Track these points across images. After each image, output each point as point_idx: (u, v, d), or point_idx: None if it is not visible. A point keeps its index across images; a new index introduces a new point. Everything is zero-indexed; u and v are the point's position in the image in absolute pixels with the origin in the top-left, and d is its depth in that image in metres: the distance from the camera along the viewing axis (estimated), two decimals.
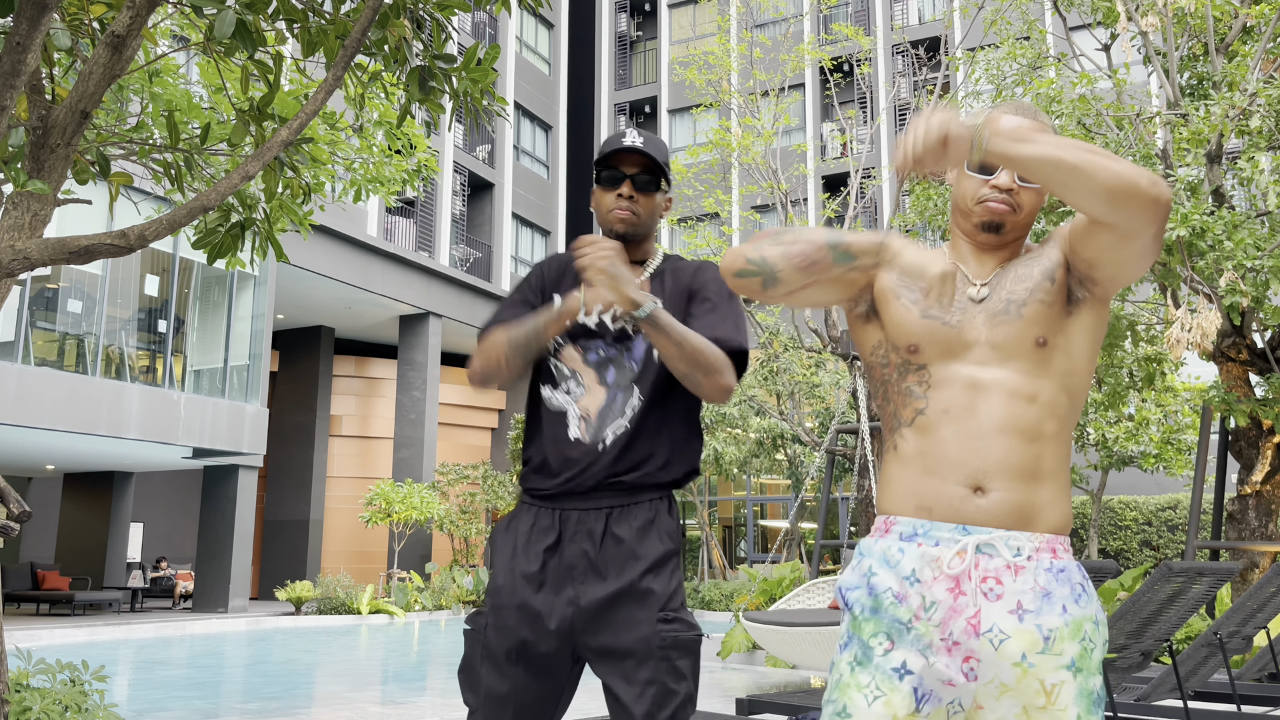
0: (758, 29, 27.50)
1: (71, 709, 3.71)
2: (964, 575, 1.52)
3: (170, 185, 4.15)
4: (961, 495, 1.54)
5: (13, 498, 3.48)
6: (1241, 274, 8.00)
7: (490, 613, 2.02)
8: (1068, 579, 1.54)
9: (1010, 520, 1.53)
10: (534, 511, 2.06)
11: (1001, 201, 1.61)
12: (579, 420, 2.04)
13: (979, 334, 1.59)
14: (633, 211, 2.11)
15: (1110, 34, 11.04)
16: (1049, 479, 1.55)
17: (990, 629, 1.50)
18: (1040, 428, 1.55)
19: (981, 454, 1.54)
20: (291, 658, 11.70)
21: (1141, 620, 4.14)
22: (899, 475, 1.61)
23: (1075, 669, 1.50)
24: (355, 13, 3.02)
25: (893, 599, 1.54)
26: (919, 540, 1.55)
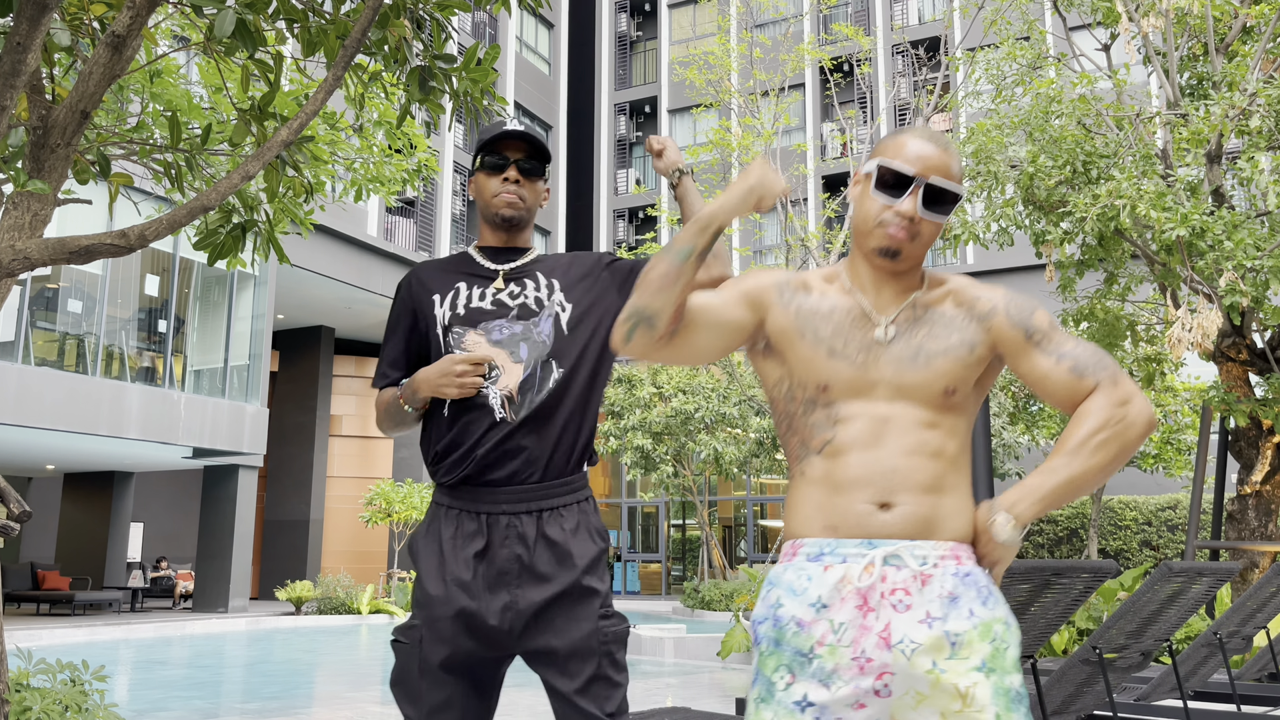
0: (758, 29, 27.50)
1: (71, 709, 3.71)
2: (871, 590, 1.53)
3: (170, 185, 4.15)
4: (868, 511, 1.55)
5: (13, 498, 3.48)
6: (1241, 274, 8.00)
7: (424, 624, 2.00)
8: (974, 583, 1.55)
9: (915, 530, 1.55)
10: (455, 516, 2.03)
11: (902, 229, 1.60)
12: (503, 401, 2.02)
13: (885, 374, 1.60)
14: (519, 196, 2.12)
15: (1110, 34, 11.04)
16: (951, 492, 1.58)
17: (901, 640, 1.50)
18: (942, 449, 1.59)
19: (888, 474, 1.56)
20: (291, 658, 11.70)
21: (1141, 620, 4.14)
22: (806, 498, 1.61)
23: (988, 670, 1.50)
24: (355, 13, 3.02)
25: (795, 629, 1.54)
26: (826, 561, 1.56)
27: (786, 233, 19.07)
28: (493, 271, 2.13)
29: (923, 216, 1.59)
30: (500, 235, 2.17)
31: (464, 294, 2.10)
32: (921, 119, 16.76)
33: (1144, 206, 8.03)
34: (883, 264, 1.63)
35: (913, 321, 1.63)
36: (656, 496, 24.05)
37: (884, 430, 1.58)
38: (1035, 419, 15.68)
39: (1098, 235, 9.19)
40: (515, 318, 2.07)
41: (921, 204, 1.59)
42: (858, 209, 1.66)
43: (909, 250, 1.61)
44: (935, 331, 1.62)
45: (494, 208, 2.13)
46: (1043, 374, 1.62)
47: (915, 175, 1.59)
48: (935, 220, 1.61)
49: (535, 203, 2.17)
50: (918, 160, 1.60)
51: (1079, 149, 8.94)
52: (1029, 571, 3.27)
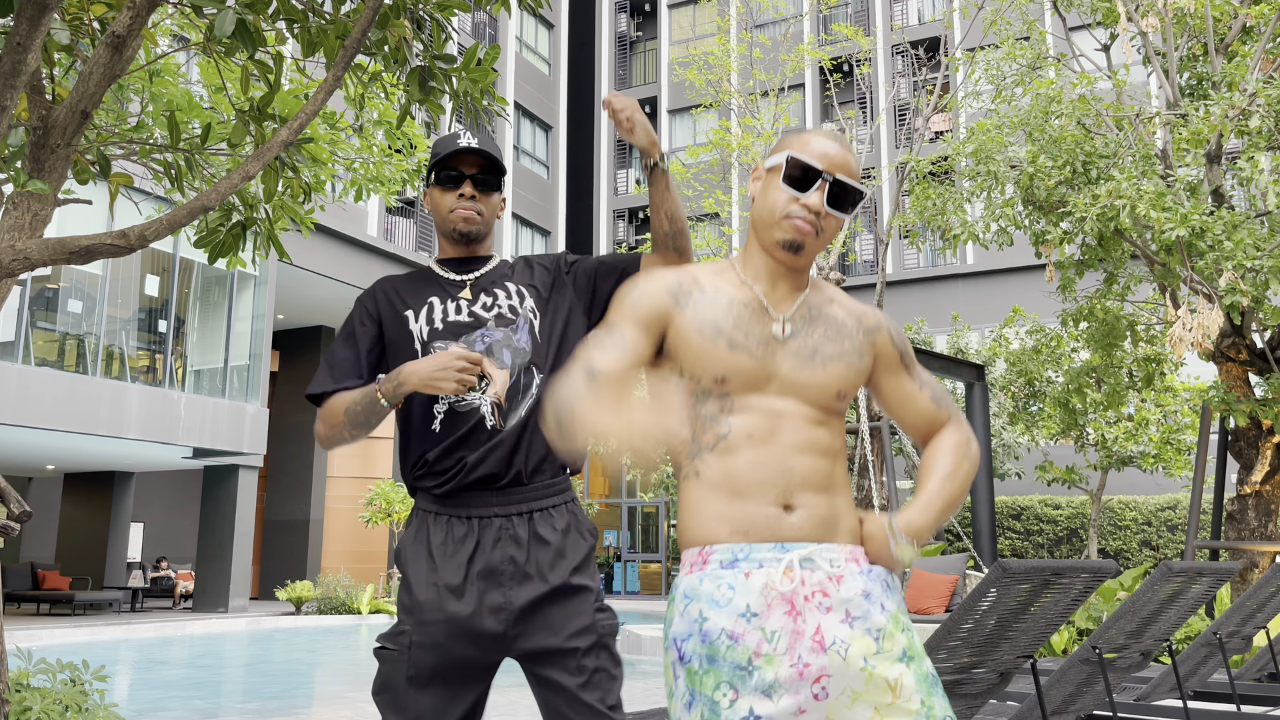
0: (757, 29, 27.50)
1: (71, 709, 3.72)
2: (795, 595, 1.53)
3: (170, 185, 4.15)
4: (775, 514, 1.56)
5: (13, 498, 3.48)
6: (1241, 274, 8.00)
7: (415, 630, 1.98)
8: (877, 578, 1.60)
9: (819, 533, 1.58)
10: (444, 521, 2.03)
11: (808, 223, 1.62)
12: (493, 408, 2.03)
13: (781, 369, 1.63)
14: (476, 211, 2.13)
15: (1110, 34, 11.04)
16: (841, 491, 1.63)
17: (834, 641, 1.53)
18: (831, 446, 1.63)
19: (787, 473, 1.58)
20: (291, 658, 11.70)
21: (1141, 620, 4.14)
22: (707, 502, 1.59)
23: (908, 659, 1.55)
24: (355, 13, 3.02)
25: (728, 642, 1.51)
26: (743, 567, 1.54)
27: None
28: (459, 283, 2.14)
29: (828, 212, 1.63)
30: (459, 248, 2.18)
31: (439, 308, 2.10)
32: (921, 119, 16.76)
33: (1144, 206, 8.03)
34: (784, 258, 1.65)
35: (807, 320, 1.67)
36: (656, 496, 24.04)
37: (777, 426, 1.59)
38: (1035, 419, 15.69)
39: (1097, 235, 9.19)
40: (494, 326, 2.08)
41: (827, 200, 1.63)
42: (761, 201, 1.67)
43: (811, 245, 1.64)
44: (829, 334, 1.67)
45: (451, 223, 2.13)
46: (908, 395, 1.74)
47: (823, 171, 1.62)
48: (838, 217, 1.65)
49: (492, 215, 2.18)
50: (824, 158, 1.63)
51: (1079, 149, 8.94)
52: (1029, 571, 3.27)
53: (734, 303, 1.65)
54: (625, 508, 27.79)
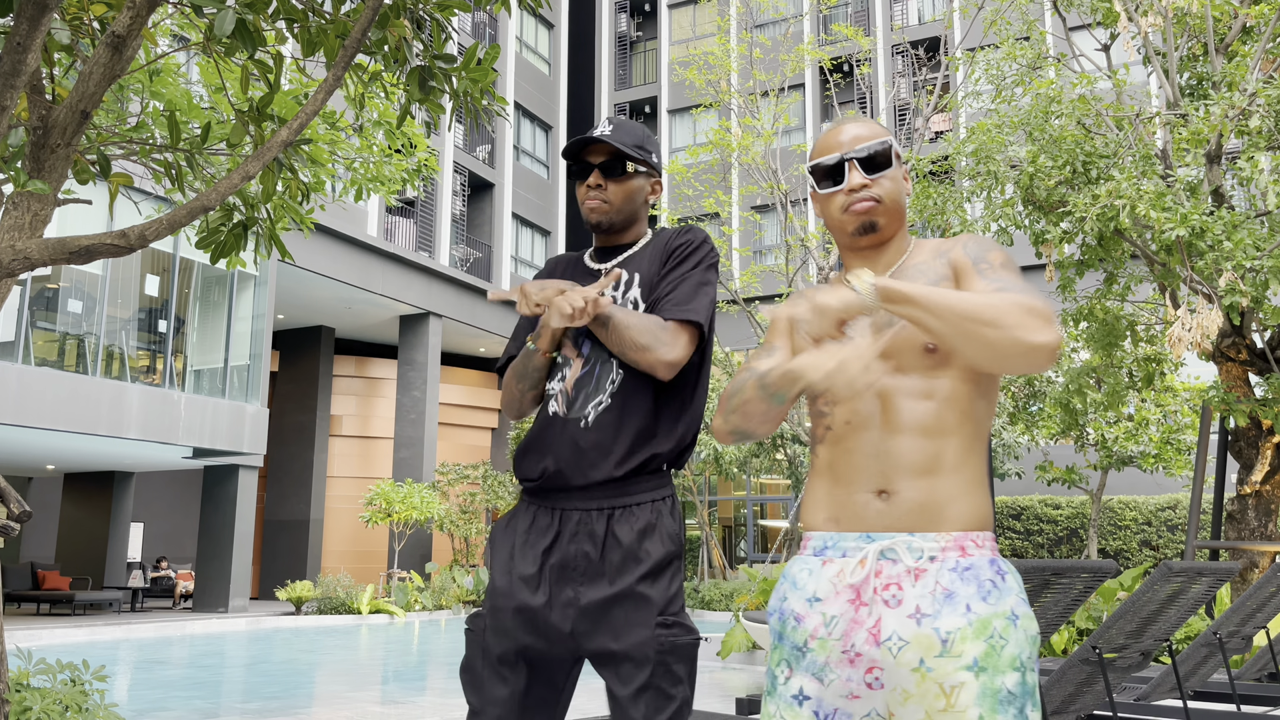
0: (757, 29, 27.50)
1: (71, 709, 3.72)
2: (864, 585, 1.52)
3: (170, 185, 4.15)
4: (865, 501, 1.56)
5: (13, 498, 3.48)
6: (1241, 274, 8.00)
7: (488, 614, 2.01)
8: (974, 576, 1.51)
9: (913, 521, 1.53)
10: (532, 510, 2.05)
11: (863, 199, 1.65)
12: (559, 395, 2.03)
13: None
14: (602, 200, 2.11)
15: (1110, 34, 11.04)
16: (953, 473, 1.54)
17: (890, 637, 1.49)
18: (940, 422, 1.55)
19: (883, 456, 1.55)
20: (291, 658, 11.70)
21: (1141, 620, 4.14)
22: (814, 489, 1.64)
23: (978, 669, 1.46)
24: (355, 13, 3.02)
25: (794, 623, 1.58)
26: (827, 555, 1.58)
27: (786, 233, 19.07)
28: (597, 271, 2.15)
29: (871, 180, 1.66)
30: (600, 237, 2.18)
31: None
32: (921, 119, 16.76)
33: (1144, 206, 8.03)
34: (868, 241, 1.68)
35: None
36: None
37: (876, 408, 1.58)
38: (1035, 419, 15.68)
39: (1097, 235, 9.19)
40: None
41: (863, 170, 1.66)
42: (824, 216, 1.72)
43: (882, 214, 1.66)
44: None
45: (584, 214, 2.14)
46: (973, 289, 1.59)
47: (842, 156, 1.67)
48: (884, 178, 1.66)
49: (628, 201, 2.12)
50: (834, 145, 1.69)
51: (1079, 149, 8.94)
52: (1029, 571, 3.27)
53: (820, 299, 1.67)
54: None
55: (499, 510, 22.70)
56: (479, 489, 22.28)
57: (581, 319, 1.92)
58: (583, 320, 1.93)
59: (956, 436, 1.56)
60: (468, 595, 19.45)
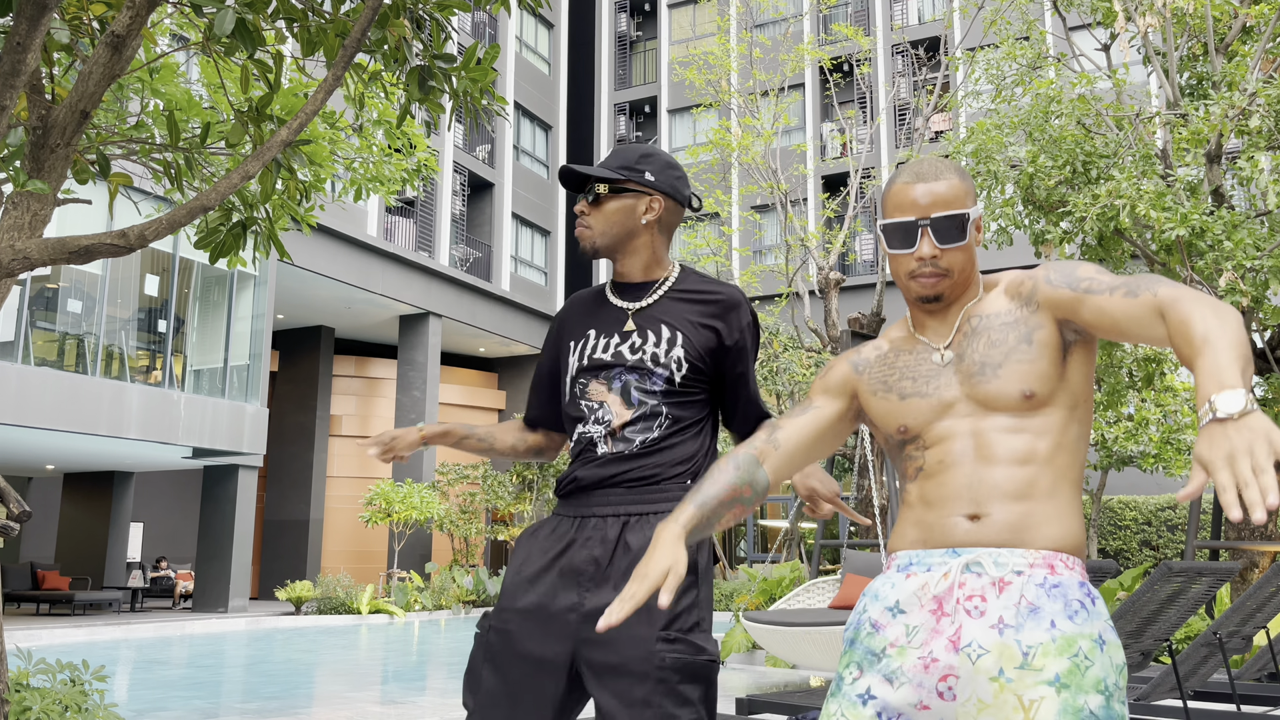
0: (757, 29, 27.50)
1: (71, 709, 3.71)
2: (947, 596, 1.52)
3: (170, 185, 4.15)
4: (957, 522, 1.56)
5: (13, 498, 3.48)
6: (1241, 274, 8.00)
7: (495, 614, 2.00)
8: (1062, 594, 1.49)
9: (1002, 538, 1.52)
10: (556, 519, 2.06)
11: (929, 274, 1.61)
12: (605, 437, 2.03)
13: (957, 392, 1.61)
14: (585, 226, 2.09)
15: (1110, 34, 11.04)
16: (1046, 498, 1.54)
17: (969, 644, 1.48)
18: (1032, 452, 1.54)
19: (976, 486, 1.55)
20: (291, 658, 11.70)
21: (1141, 620, 4.14)
22: (904, 519, 1.65)
23: (1060, 685, 1.42)
24: (355, 12, 3.02)
25: (870, 630, 1.58)
26: (913, 569, 1.58)
27: (786, 233, 19.07)
28: (623, 312, 2.11)
29: (941, 250, 1.59)
30: (615, 268, 2.16)
31: (590, 343, 2.10)
32: (921, 119, 16.76)
33: (1144, 206, 8.03)
34: (932, 308, 1.66)
35: (969, 336, 1.63)
36: None
37: (970, 446, 1.58)
38: None
39: (1098, 235, 9.19)
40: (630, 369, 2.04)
41: (936, 240, 1.59)
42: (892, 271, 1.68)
43: (947, 287, 1.63)
44: (993, 339, 1.60)
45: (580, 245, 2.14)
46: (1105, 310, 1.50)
47: (916, 220, 1.59)
48: (957, 250, 1.60)
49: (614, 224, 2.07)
50: (913, 205, 1.60)
51: (1079, 149, 8.94)
52: None
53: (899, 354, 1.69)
54: None
55: (499, 510, 22.70)
56: (479, 489, 22.28)
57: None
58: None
59: (1050, 466, 1.55)
60: (467, 595, 19.45)
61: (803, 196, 27.02)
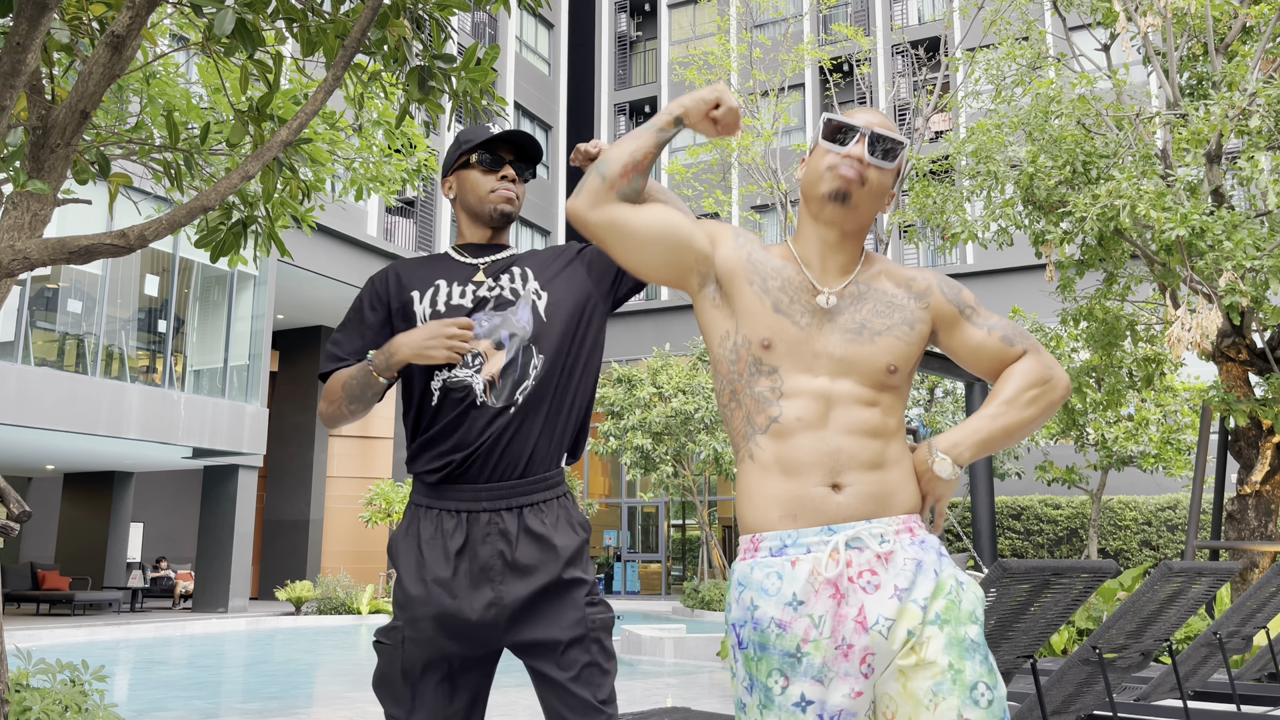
0: (757, 29, 27.50)
1: (71, 709, 3.71)
2: (840, 578, 1.55)
3: (170, 185, 4.15)
4: (822, 495, 1.58)
5: (13, 498, 3.48)
6: (1241, 274, 8.00)
7: (406, 625, 2.00)
8: (931, 547, 1.61)
9: (868, 509, 1.59)
10: (435, 515, 2.03)
11: (852, 168, 1.65)
12: (485, 387, 2.02)
13: (828, 346, 1.64)
14: (516, 194, 2.17)
15: (1110, 34, 11.03)
16: (894, 466, 1.63)
17: (876, 621, 1.53)
18: (883, 426, 1.64)
19: (834, 454, 1.60)
20: (291, 658, 11.70)
21: (1141, 620, 4.14)
22: (760, 486, 1.64)
23: (941, 621, 1.53)
24: (355, 12, 3.02)
25: (777, 630, 1.56)
26: (791, 554, 1.58)
27: (786, 233, 19.07)
28: (473, 266, 2.15)
29: (870, 161, 1.65)
30: (485, 232, 2.19)
31: (444, 290, 2.11)
32: (921, 119, 16.75)
33: (1144, 206, 8.03)
34: (834, 214, 1.67)
35: (856, 298, 1.68)
36: (656, 496, 24.06)
37: (827, 409, 1.62)
38: None
39: (1097, 235, 9.19)
40: (493, 309, 2.08)
41: (869, 151, 1.65)
42: (808, 171, 1.71)
43: (858, 197, 1.66)
44: (878, 309, 1.68)
45: (490, 203, 2.15)
46: (977, 344, 1.72)
47: (859, 127, 1.67)
48: (881, 167, 1.66)
49: (521, 202, 2.22)
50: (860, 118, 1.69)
51: (1079, 149, 8.94)
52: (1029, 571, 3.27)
53: (783, 270, 1.69)
54: (625, 508, 27.78)
55: None
56: None
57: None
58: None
59: (895, 439, 1.66)
60: None
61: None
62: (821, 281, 1.68)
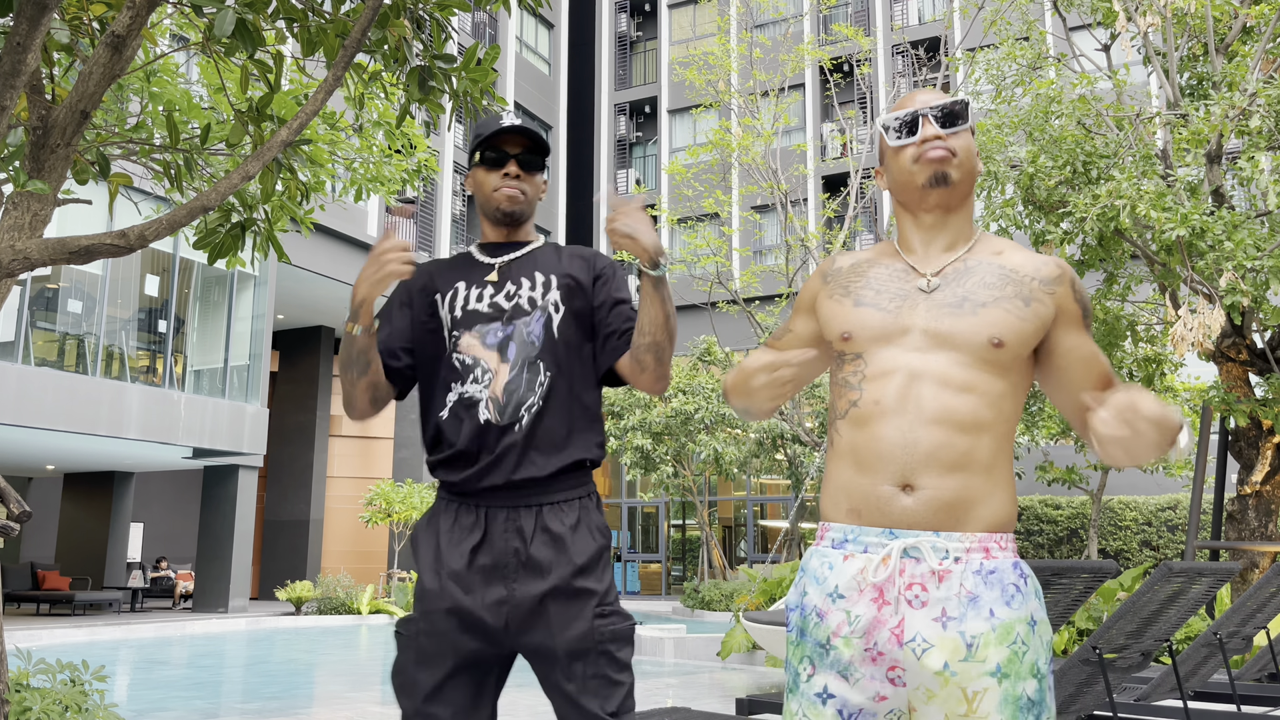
0: (757, 29, 27.49)
1: (71, 709, 3.71)
2: (888, 584, 1.50)
3: (170, 185, 4.15)
4: (889, 495, 1.51)
5: (13, 498, 3.48)
6: (1241, 274, 8.00)
7: (420, 618, 2.00)
8: (998, 580, 1.49)
9: (938, 520, 1.49)
10: (454, 508, 2.03)
11: (937, 148, 1.60)
12: (488, 402, 2.00)
13: (919, 320, 1.56)
14: (520, 190, 2.11)
15: (1110, 34, 11.04)
16: (983, 472, 1.51)
17: (913, 638, 1.47)
18: (975, 419, 1.51)
19: (911, 447, 1.50)
20: (291, 658, 11.70)
21: (1141, 620, 4.14)
22: (834, 474, 1.59)
23: (1000, 675, 1.45)
24: (355, 12, 3.02)
25: (816, 619, 1.54)
26: (847, 549, 1.54)
27: (786, 233, 19.07)
28: (488, 266, 2.12)
29: (947, 133, 1.61)
30: (500, 230, 2.16)
31: (461, 295, 2.09)
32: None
33: (1144, 206, 8.03)
34: (939, 197, 1.62)
35: (961, 273, 1.59)
36: (656, 496, 24.06)
37: (909, 392, 1.52)
38: (1035, 419, 15.69)
39: (1098, 235, 9.19)
40: (509, 319, 2.05)
41: (938, 125, 1.62)
42: (892, 175, 1.66)
43: (955, 169, 1.61)
44: (987, 281, 1.57)
45: (494, 202, 2.11)
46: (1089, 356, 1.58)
47: (917, 109, 1.64)
48: (960, 133, 1.62)
49: (535, 196, 2.16)
50: (912, 100, 1.66)
51: (1079, 149, 8.94)
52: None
53: (875, 266, 1.66)
54: (625, 508, 27.78)
55: None
56: None
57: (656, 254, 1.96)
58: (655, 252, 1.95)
59: (991, 435, 1.52)
60: None
61: (803, 197, 27.01)
62: (924, 266, 1.62)
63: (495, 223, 2.15)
